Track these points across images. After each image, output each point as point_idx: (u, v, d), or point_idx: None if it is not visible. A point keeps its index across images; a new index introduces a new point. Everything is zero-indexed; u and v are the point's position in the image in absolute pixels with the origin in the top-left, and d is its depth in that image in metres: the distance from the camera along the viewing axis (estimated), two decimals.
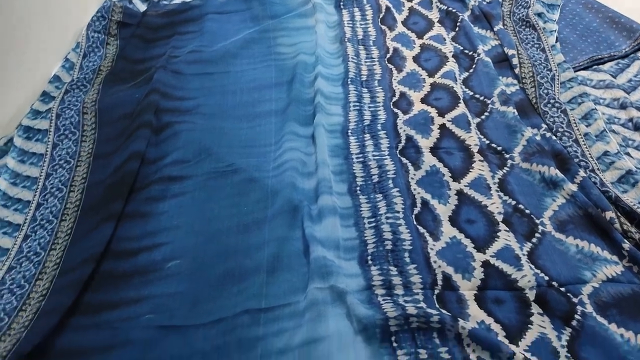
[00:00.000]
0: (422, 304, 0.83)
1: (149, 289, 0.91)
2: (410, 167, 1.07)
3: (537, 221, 0.95)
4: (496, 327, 0.81)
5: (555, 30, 1.39)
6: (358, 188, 1.05)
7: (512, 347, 0.76)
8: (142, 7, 1.70)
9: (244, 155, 1.13)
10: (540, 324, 0.80)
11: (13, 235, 1.03)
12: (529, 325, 0.81)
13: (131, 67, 1.44)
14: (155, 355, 0.83)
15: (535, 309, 0.83)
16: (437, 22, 1.48)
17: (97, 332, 0.85)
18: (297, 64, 1.35)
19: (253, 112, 1.25)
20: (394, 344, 0.79)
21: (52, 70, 1.39)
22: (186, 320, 0.87)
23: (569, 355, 0.77)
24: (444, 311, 0.82)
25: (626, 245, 0.88)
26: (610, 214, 0.93)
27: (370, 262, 0.91)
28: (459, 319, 0.79)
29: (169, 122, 1.21)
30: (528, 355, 0.76)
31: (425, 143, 1.12)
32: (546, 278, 0.85)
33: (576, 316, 0.80)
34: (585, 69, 1.31)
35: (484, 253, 0.91)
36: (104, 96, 1.31)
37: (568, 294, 0.83)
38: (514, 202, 0.99)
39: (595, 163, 1.05)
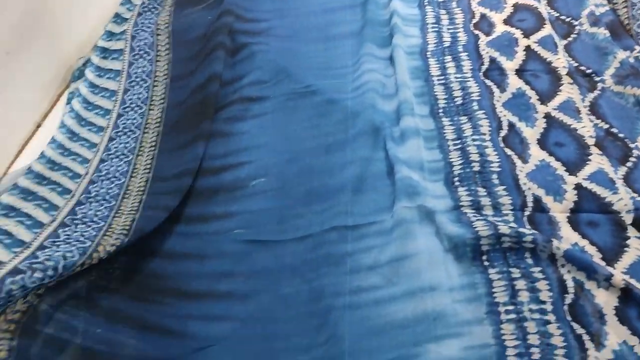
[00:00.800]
0: (513, 224, 0.82)
1: (236, 206, 0.94)
2: (495, 90, 1.04)
3: (632, 145, 0.91)
4: (591, 250, 0.79)
5: None
6: (440, 110, 1.03)
7: (609, 269, 0.75)
8: None
9: (321, 77, 1.12)
10: (638, 247, 0.78)
11: (99, 134, 1.06)
12: (626, 249, 0.79)
13: None
14: (246, 267, 0.86)
15: (632, 232, 0.80)
16: None
17: (191, 241, 0.89)
18: None
19: (327, 34, 1.23)
20: (485, 263, 0.79)
21: None
22: (274, 236, 0.89)
23: None
24: (536, 232, 0.80)
25: None
26: None
27: (457, 183, 0.90)
28: (552, 239, 0.78)
29: (244, 43, 1.20)
30: (627, 277, 0.74)
31: (509, 65, 1.08)
32: None
33: None
34: None
35: (576, 176, 0.88)
36: (177, 18, 1.31)
37: None
38: (606, 126, 0.95)
39: None
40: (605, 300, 0.73)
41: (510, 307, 0.74)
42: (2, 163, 1.09)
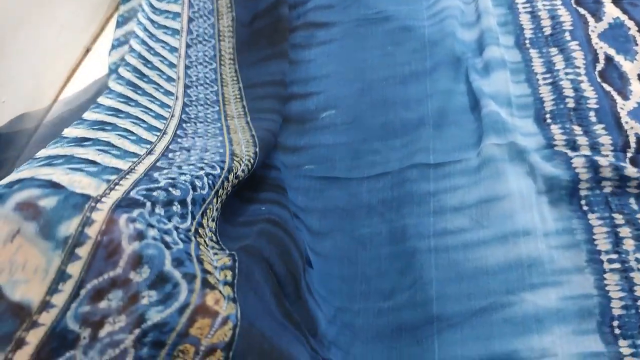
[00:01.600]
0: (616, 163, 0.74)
1: (305, 139, 0.88)
2: (590, 19, 0.94)
3: None
4: None
5: None
6: (527, 41, 0.94)
7: None
8: None
9: (393, 2, 1.03)
10: None
11: (176, 36, 0.98)
12: None
13: None
14: (320, 204, 0.81)
15: None
16: None
17: (264, 171, 0.83)
18: None
19: None
20: (585, 207, 0.73)
21: None
22: (349, 173, 0.83)
23: None
24: None
25: None
26: None
27: (549, 120, 0.83)
28: None
29: None
30: None
31: None
32: None
33: None
34: None
35: None
36: None
37: None
38: None
39: None
40: None
41: (614, 256, 0.68)
42: (52, 89, 1.04)
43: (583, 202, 0.73)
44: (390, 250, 0.74)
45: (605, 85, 0.85)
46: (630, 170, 0.73)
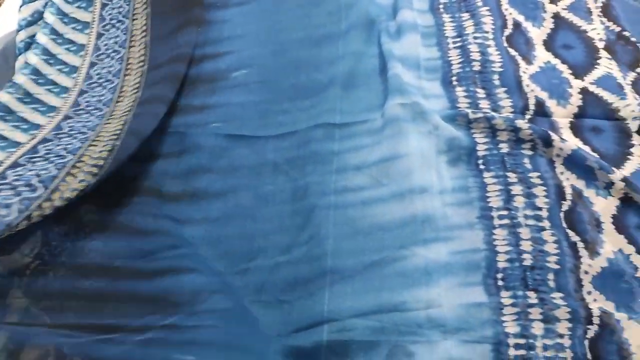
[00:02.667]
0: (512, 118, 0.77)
1: (215, 98, 0.88)
2: None
3: None
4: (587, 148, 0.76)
5: None
6: (441, 6, 0.96)
7: (611, 176, 0.71)
8: None
9: None
10: None
11: (85, 32, 0.98)
12: (629, 157, 0.75)
13: None
14: (225, 162, 0.81)
15: (636, 140, 0.77)
16: None
17: (165, 137, 0.83)
18: None
19: None
20: (481, 166, 0.75)
21: None
22: (256, 131, 0.83)
23: None
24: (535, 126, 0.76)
25: None
26: None
27: (455, 82, 0.85)
28: (553, 138, 0.74)
29: None
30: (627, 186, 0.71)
31: None
32: None
33: None
34: None
35: (582, 80, 0.83)
36: None
37: None
38: (618, 29, 0.89)
39: None
40: (604, 207, 0.71)
41: (504, 212, 0.71)
42: None
43: (480, 161, 0.76)
44: (292, 207, 0.75)
45: (511, 50, 0.88)
46: (526, 132, 0.76)
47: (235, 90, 0.88)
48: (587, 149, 0.76)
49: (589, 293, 0.66)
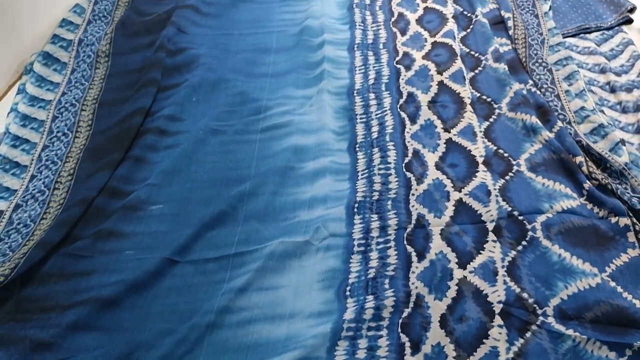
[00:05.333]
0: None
1: (132, 226, 1.07)
2: (408, 122, 1.24)
3: (514, 162, 1.13)
4: (451, 256, 0.99)
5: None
6: (357, 145, 1.22)
7: (457, 273, 0.95)
8: None
9: (235, 115, 1.29)
10: (491, 250, 0.98)
11: (21, 176, 1.20)
12: (481, 251, 0.99)
13: (141, 18, 1.60)
14: (132, 282, 0.98)
15: (490, 237, 1.00)
16: None
17: (82, 260, 1.02)
18: (303, 29, 1.50)
19: (250, 71, 1.41)
20: (347, 293, 0.97)
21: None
22: (162, 256, 1.02)
23: (505, 274, 0.95)
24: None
25: (587, 185, 1.06)
26: (579, 159, 1.10)
27: (355, 210, 1.08)
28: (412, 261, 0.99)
29: (174, 84, 1.37)
30: (471, 275, 0.95)
31: (424, 98, 1.28)
32: (509, 209, 1.03)
33: (523, 242, 0.99)
34: (573, 36, 1.48)
35: (460, 192, 1.08)
36: (116, 48, 1.50)
37: (524, 222, 1.01)
38: (495, 148, 1.16)
39: (573, 116, 1.21)
40: (435, 309, 0.93)
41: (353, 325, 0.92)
42: None
43: (348, 293, 0.97)
44: (175, 326, 0.93)
45: (407, 174, 1.13)
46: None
47: (150, 221, 1.08)
48: (448, 250, 0.99)
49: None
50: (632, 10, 1.50)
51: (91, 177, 1.17)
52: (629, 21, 1.49)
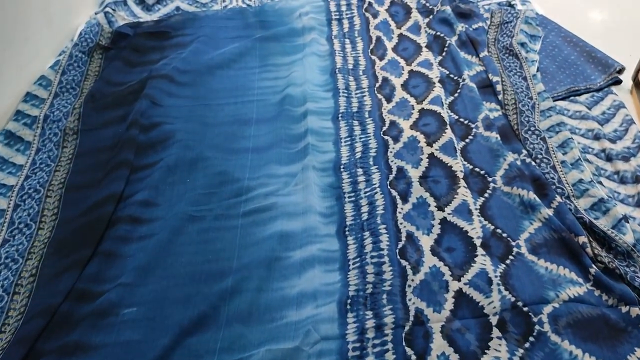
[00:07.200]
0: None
1: (101, 336, 0.99)
2: (399, 201, 1.18)
3: (513, 243, 1.08)
4: (454, 357, 0.92)
5: (536, 60, 1.52)
6: (347, 228, 1.15)
7: None
8: (137, 11, 1.86)
9: (214, 198, 1.21)
10: (496, 348, 0.92)
11: None
12: (486, 350, 0.92)
13: (112, 89, 1.54)
14: None
15: (495, 333, 0.94)
16: (425, 46, 1.60)
17: None
18: (285, 97, 1.45)
19: (230, 147, 1.34)
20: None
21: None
22: None
23: None
24: None
25: (592, 269, 1.01)
26: (582, 239, 1.05)
27: (348, 307, 1.01)
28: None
29: (148, 163, 1.30)
30: None
31: (414, 173, 1.23)
32: (512, 300, 0.97)
33: (531, 338, 0.93)
34: (562, 99, 1.44)
35: (459, 281, 1.02)
36: (85, 123, 1.43)
37: (529, 314, 0.95)
38: (492, 227, 1.11)
39: (571, 189, 1.17)
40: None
41: None
42: None
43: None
44: None
45: (402, 261, 1.07)
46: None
47: (122, 328, 1.00)
48: (450, 350, 0.93)
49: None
50: (621, 71, 1.48)
51: (56, 278, 1.08)
52: (618, 82, 1.46)
